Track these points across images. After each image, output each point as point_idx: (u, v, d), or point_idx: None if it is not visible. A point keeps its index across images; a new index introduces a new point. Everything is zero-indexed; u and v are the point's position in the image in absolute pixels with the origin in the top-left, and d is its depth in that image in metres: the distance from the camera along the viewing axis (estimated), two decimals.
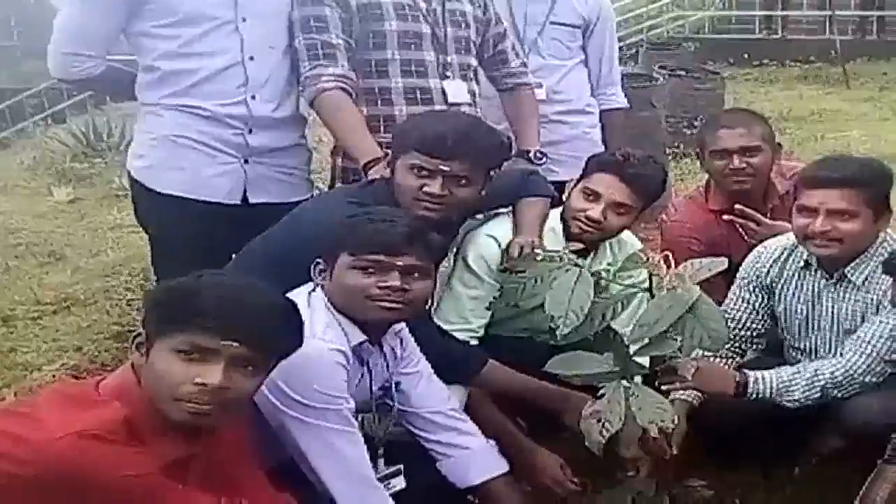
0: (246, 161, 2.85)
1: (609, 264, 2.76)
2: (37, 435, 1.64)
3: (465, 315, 2.75)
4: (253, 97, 2.80)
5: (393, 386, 2.37)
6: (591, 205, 2.74)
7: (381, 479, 2.25)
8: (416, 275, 2.19)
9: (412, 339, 2.44)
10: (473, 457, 2.39)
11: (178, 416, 1.76)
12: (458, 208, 2.52)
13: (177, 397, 1.75)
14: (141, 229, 3.19)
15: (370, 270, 2.16)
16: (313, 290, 2.25)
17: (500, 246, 2.72)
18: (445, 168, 2.43)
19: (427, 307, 2.57)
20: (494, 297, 2.71)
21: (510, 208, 2.83)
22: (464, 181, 2.46)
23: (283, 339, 1.89)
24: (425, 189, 2.44)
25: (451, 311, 2.76)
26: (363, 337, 2.23)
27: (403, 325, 2.38)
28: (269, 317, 1.83)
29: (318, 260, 2.23)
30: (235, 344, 1.76)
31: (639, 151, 2.84)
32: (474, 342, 2.74)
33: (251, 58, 2.79)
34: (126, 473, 1.67)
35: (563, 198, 2.95)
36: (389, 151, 2.58)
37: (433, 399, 2.42)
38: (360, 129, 2.79)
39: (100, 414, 1.71)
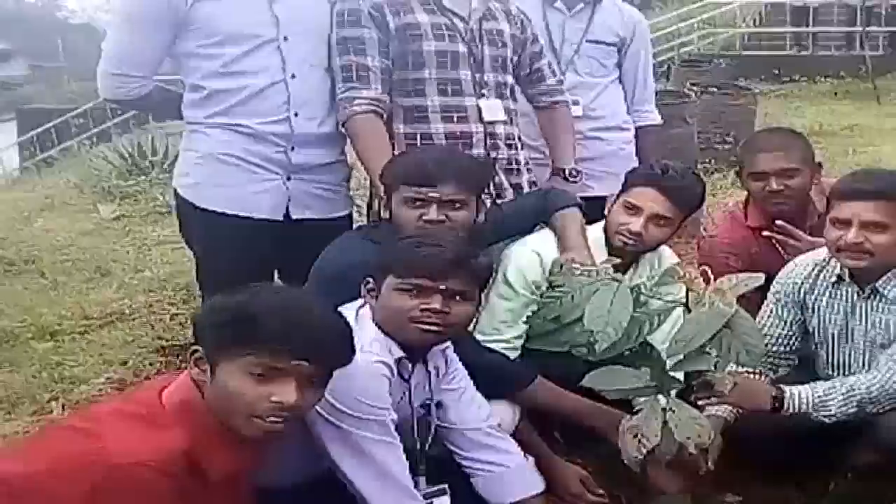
0: (288, 178, 2.90)
1: (649, 278, 2.79)
2: (97, 459, 1.70)
3: (497, 326, 2.79)
4: (295, 115, 2.86)
5: (433, 404, 2.42)
6: (632, 218, 2.78)
7: (425, 497, 2.28)
8: (459, 298, 2.25)
9: (457, 358, 2.49)
10: (510, 475, 2.42)
11: (252, 432, 1.84)
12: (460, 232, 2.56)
13: (253, 415, 1.83)
14: (184, 245, 3.25)
15: (414, 292, 2.22)
16: (362, 306, 2.32)
17: (542, 261, 2.76)
18: (435, 194, 2.52)
19: (470, 329, 2.62)
20: (532, 312, 2.74)
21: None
22: (457, 204, 2.55)
23: (343, 354, 1.98)
24: (424, 218, 2.52)
25: (486, 322, 2.81)
26: (402, 353, 2.28)
27: (449, 343, 2.43)
28: (332, 335, 1.93)
29: (367, 278, 2.30)
30: (305, 363, 1.85)
31: (677, 164, 2.89)
32: (512, 354, 2.77)
33: (293, 76, 2.85)
34: None
35: (605, 212, 2.99)
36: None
37: (473, 416, 2.46)
38: (385, 153, 2.83)
39: (161, 441, 1.77)
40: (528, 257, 2.80)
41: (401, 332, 2.26)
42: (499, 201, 2.98)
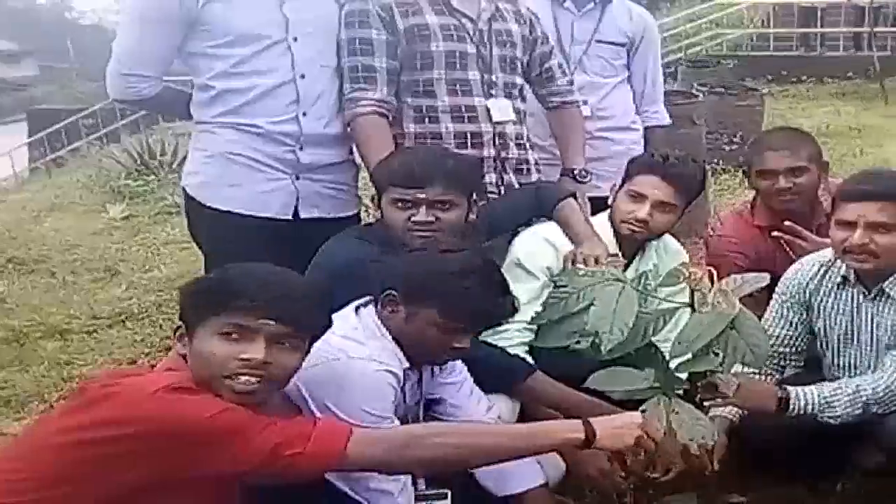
0: (297, 177, 2.91)
1: (655, 265, 2.86)
2: (133, 393, 1.79)
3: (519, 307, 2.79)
4: (304, 114, 2.87)
5: (421, 402, 2.44)
6: (637, 206, 2.84)
7: (424, 498, 2.29)
8: (444, 207, 2.50)
9: None
10: (511, 467, 2.40)
11: (228, 395, 1.88)
12: (450, 233, 2.58)
13: (225, 374, 1.89)
14: (193, 245, 3.27)
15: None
16: (364, 305, 2.33)
17: (554, 248, 2.80)
18: (423, 196, 2.54)
19: None
20: (537, 313, 2.74)
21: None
22: (447, 205, 2.57)
23: (315, 317, 2.02)
24: (413, 219, 2.55)
25: None
26: (407, 364, 2.30)
27: None
28: (300, 296, 1.98)
29: (390, 291, 2.27)
30: (272, 322, 1.90)
31: (675, 151, 2.94)
32: (530, 336, 2.74)
33: (302, 76, 2.86)
34: (211, 413, 1.80)
35: (609, 202, 3.01)
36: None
37: (473, 409, 2.48)
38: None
39: (174, 376, 1.89)
40: (539, 243, 2.84)
41: (423, 356, 2.31)
42: None
